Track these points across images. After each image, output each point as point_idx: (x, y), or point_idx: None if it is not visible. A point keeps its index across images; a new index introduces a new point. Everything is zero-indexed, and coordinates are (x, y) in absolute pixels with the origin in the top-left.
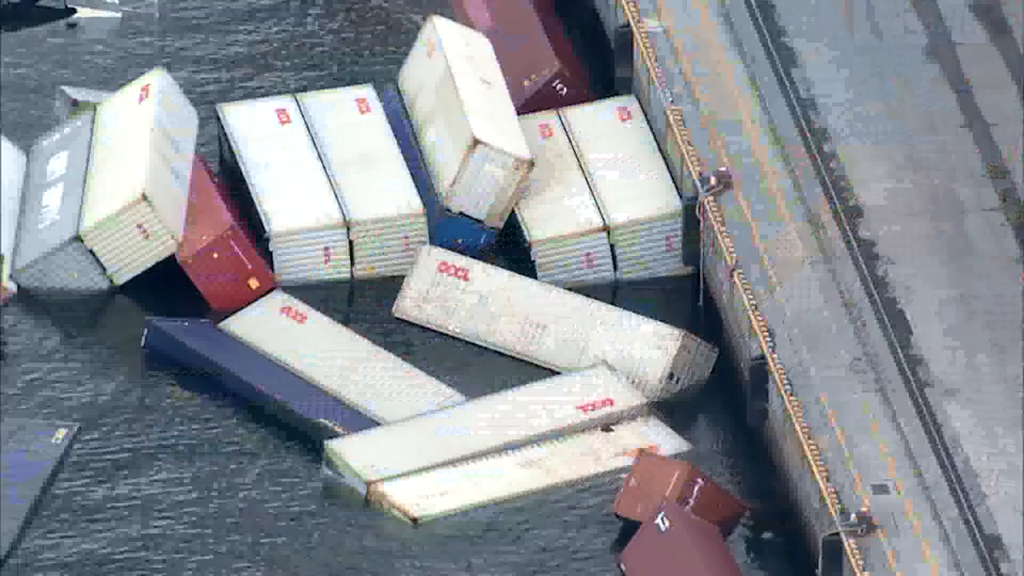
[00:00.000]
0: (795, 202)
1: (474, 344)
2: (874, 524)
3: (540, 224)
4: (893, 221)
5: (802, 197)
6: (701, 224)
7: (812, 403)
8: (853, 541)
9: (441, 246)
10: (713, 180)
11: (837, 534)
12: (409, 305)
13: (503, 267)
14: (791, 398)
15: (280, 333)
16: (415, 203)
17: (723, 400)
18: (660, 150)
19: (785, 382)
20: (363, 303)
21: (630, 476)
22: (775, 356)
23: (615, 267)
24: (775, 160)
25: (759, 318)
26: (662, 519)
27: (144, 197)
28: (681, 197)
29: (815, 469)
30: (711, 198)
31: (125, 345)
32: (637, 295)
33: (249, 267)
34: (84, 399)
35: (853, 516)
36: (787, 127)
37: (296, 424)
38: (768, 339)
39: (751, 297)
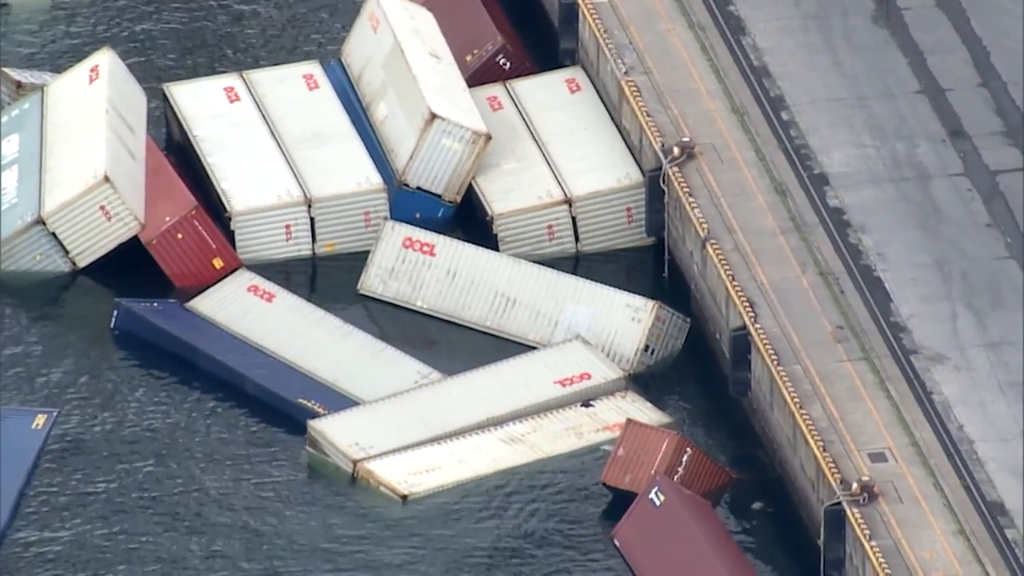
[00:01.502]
0: (760, 171)
1: (441, 319)
2: (876, 493)
3: (501, 197)
4: (859, 188)
5: (766, 166)
6: (665, 195)
7: (799, 373)
8: (856, 510)
9: (399, 221)
10: (676, 150)
11: (839, 503)
12: (374, 282)
13: (460, 241)
14: (778, 368)
15: (248, 312)
16: (375, 179)
17: (697, 371)
18: (613, 121)
19: (771, 352)
20: (326, 280)
21: (618, 445)
22: (758, 326)
23: (576, 239)
24: (735, 130)
25: (737, 289)
26: (656, 494)
27: (106, 178)
28: (640, 168)
29: (810, 439)
30: (675, 169)
31: (93, 327)
32: (599, 267)
33: (213, 247)
34: (57, 383)
35: (854, 485)
36: (743, 96)
37: (275, 404)
38: (749, 309)
39: (727, 268)
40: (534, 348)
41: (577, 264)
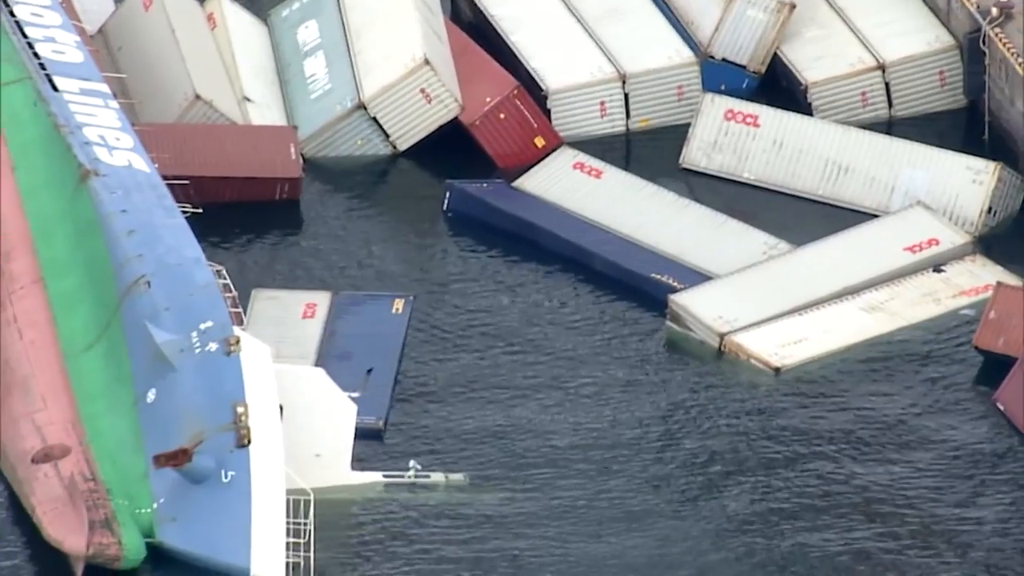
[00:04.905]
0: None
1: (766, 190)
2: None
3: (811, 66)
4: None
5: None
6: (986, 56)
7: None
8: None
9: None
10: (994, 11)
11: None
12: (697, 155)
13: (784, 111)
14: None
15: (578, 189)
16: (685, 52)
17: None
18: None
19: None
20: (643, 155)
21: (989, 308)
22: None
23: (890, 105)
24: None
25: None
26: None
27: (426, 61)
28: (949, 30)
29: None
30: (996, 29)
31: (424, 209)
32: (912, 131)
33: (535, 125)
34: (398, 267)
35: None
36: None
37: (625, 280)
38: None
39: None
40: (866, 215)
41: (890, 129)
